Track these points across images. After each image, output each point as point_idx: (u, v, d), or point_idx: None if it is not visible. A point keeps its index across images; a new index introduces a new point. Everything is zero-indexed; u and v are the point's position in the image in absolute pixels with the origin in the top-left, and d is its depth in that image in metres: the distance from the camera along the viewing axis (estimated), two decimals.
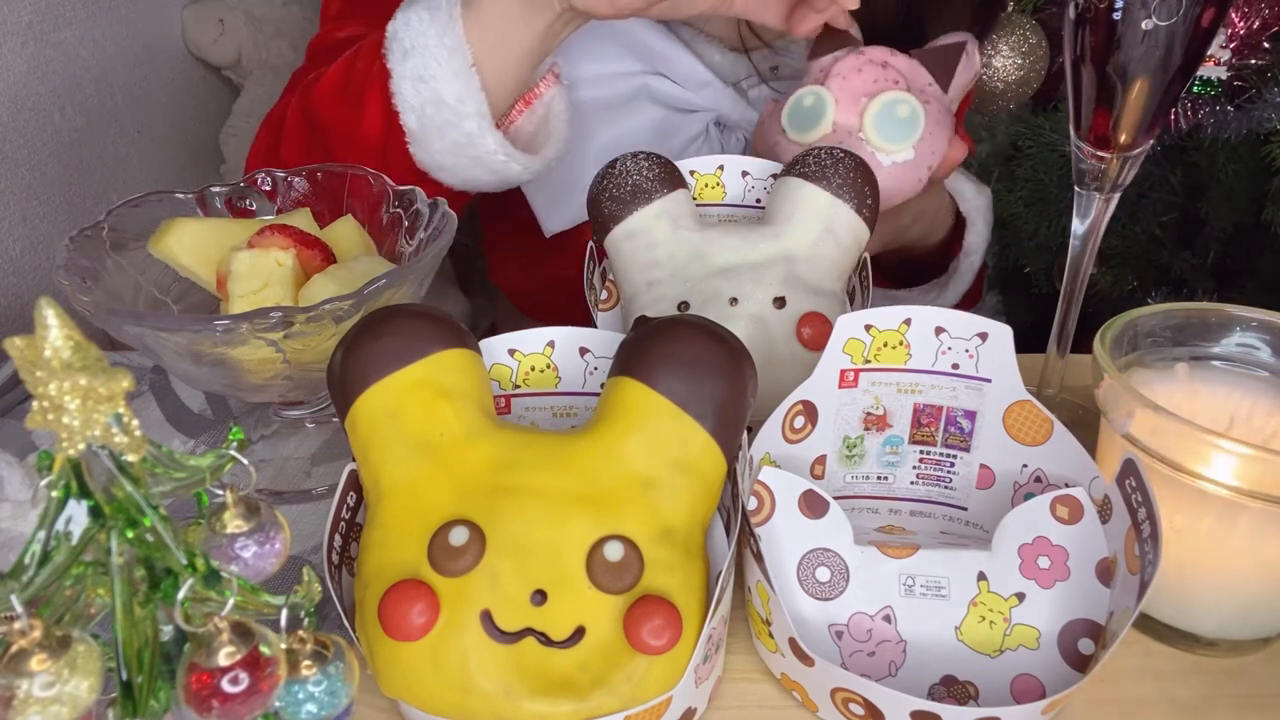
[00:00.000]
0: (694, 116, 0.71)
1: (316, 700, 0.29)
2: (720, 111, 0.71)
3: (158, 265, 0.51)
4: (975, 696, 0.38)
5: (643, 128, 0.71)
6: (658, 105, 0.71)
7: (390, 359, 0.37)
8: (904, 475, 0.48)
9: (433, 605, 0.33)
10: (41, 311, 0.22)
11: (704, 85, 0.70)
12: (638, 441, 0.36)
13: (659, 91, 0.70)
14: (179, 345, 0.43)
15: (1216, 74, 0.84)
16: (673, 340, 0.37)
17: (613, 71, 0.69)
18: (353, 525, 0.39)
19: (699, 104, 0.71)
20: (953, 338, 0.44)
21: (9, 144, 0.89)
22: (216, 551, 0.29)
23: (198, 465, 0.28)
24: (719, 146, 0.73)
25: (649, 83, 0.70)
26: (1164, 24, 0.41)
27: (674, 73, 0.70)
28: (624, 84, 0.70)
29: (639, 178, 0.52)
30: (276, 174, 0.56)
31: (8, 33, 0.89)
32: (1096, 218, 0.49)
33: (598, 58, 0.69)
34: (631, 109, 0.71)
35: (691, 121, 0.71)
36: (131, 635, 0.26)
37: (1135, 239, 0.93)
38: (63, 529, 0.25)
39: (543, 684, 0.33)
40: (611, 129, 0.71)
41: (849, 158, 0.51)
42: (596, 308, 0.54)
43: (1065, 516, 0.40)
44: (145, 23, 1.13)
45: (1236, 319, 0.46)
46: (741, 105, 0.71)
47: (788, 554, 0.41)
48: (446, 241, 0.49)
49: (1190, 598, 0.41)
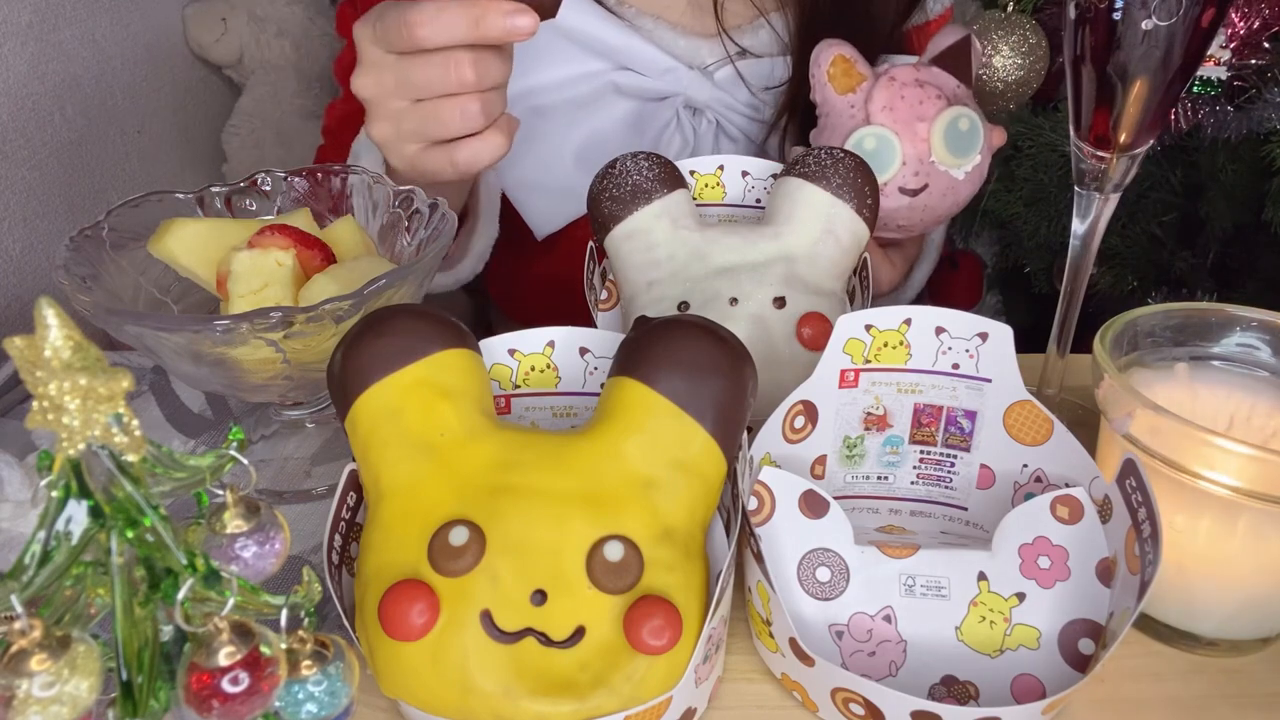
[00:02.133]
0: (664, 104, 0.72)
1: (316, 700, 0.29)
2: (687, 94, 0.72)
3: (158, 265, 0.51)
4: (975, 696, 0.38)
5: (616, 121, 0.72)
6: (627, 98, 0.72)
7: (390, 359, 0.37)
8: (904, 475, 0.47)
9: (433, 605, 0.33)
10: (41, 311, 0.22)
11: (667, 71, 0.71)
12: (638, 441, 0.36)
13: (626, 85, 0.71)
14: (179, 345, 0.43)
15: (1216, 74, 0.84)
16: (673, 340, 0.37)
17: (578, 73, 0.71)
18: (353, 525, 0.39)
19: (666, 90, 0.72)
20: (953, 338, 0.44)
21: (9, 144, 0.89)
22: (216, 551, 0.29)
23: (198, 465, 0.28)
24: (691, 130, 0.73)
25: (615, 78, 0.71)
26: (1164, 24, 0.41)
27: (637, 64, 0.71)
28: (590, 83, 0.71)
29: (639, 178, 0.52)
30: (276, 174, 0.56)
31: (8, 33, 0.89)
32: (1096, 218, 0.49)
33: (561, 62, 0.70)
34: (602, 105, 0.72)
35: (662, 109, 0.72)
36: (131, 635, 0.26)
37: (1135, 239, 0.93)
38: (63, 529, 0.25)
39: (543, 684, 0.33)
40: (585, 127, 0.72)
41: (849, 158, 0.51)
42: (596, 308, 0.54)
43: (1065, 516, 0.40)
44: (145, 23, 1.13)
45: (1236, 319, 0.46)
46: (708, 86, 0.72)
47: (788, 554, 0.41)
48: (446, 241, 0.49)
49: (1190, 598, 0.41)
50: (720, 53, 0.71)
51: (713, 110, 0.72)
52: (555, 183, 0.72)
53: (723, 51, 0.71)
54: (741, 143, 0.74)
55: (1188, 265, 0.92)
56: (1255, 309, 0.46)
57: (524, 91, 0.70)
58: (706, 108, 0.72)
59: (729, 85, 0.72)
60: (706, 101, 0.72)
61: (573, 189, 0.71)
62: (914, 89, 0.56)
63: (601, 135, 0.72)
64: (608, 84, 0.71)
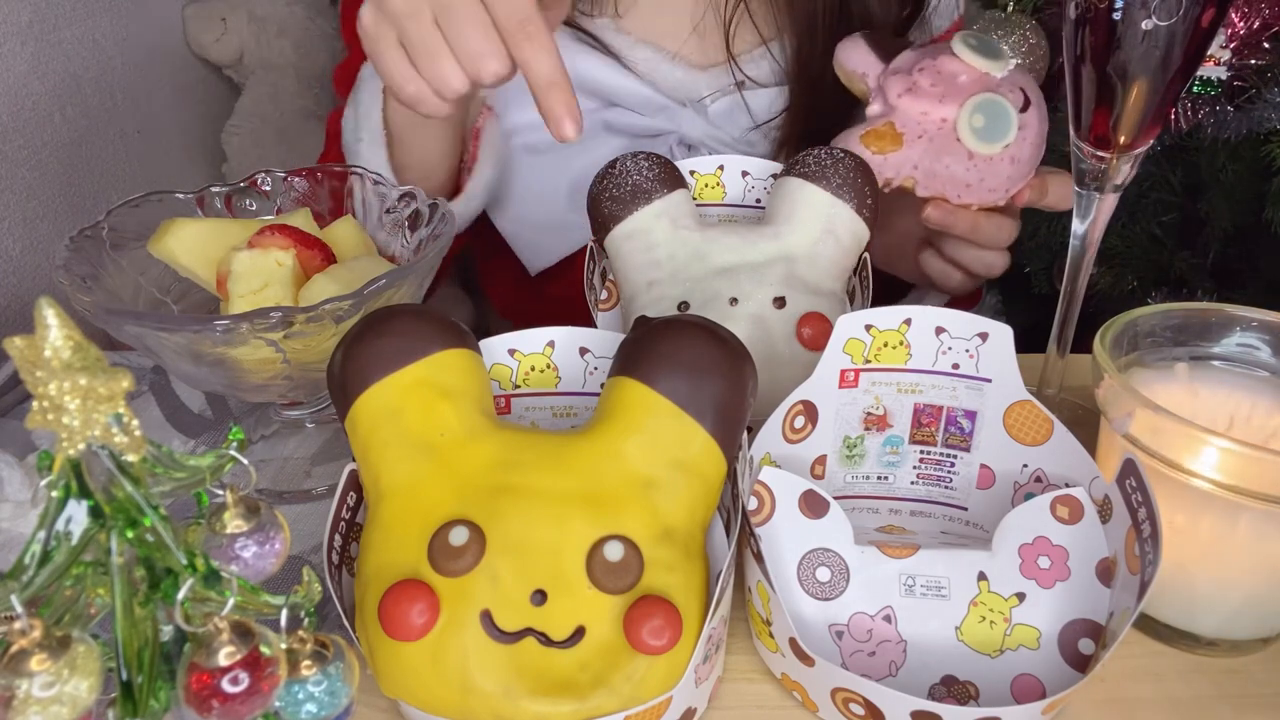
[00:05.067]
0: (656, 141, 0.72)
1: (316, 700, 0.29)
2: (681, 132, 0.71)
3: (158, 265, 0.51)
4: (975, 696, 0.38)
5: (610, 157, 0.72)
6: (619, 135, 0.72)
7: (390, 359, 0.37)
8: (904, 475, 0.47)
9: (433, 605, 0.33)
10: (41, 311, 0.22)
11: (660, 110, 0.71)
12: (638, 441, 0.36)
13: (618, 123, 0.71)
14: (179, 345, 0.43)
15: (1216, 74, 0.84)
16: (673, 340, 0.37)
17: None
18: (353, 525, 0.39)
19: (660, 128, 0.71)
20: (953, 338, 0.44)
21: (9, 144, 0.89)
22: (216, 551, 0.29)
23: (198, 465, 0.28)
24: None
25: (606, 116, 0.71)
26: (1164, 24, 0.41)
27: (629, 102, 0.71)
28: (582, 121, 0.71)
29: (639, 178, 0.52)
30: (276, 174, 0.56)
31: (8, 33, 0.89)
32: (1096, 218, 0.49)
33: None
34: (594, 144, 0.71)
35: (655, 145, 0.71)
36: (131, 635, 0.26)
37: (1135, 239, 0.93)
38: (63, 529, 0.25)
39: (543, 684, 0.33)
40: (578, 165, 0.71)
41: (849, 158, 0.51)
42: (596, 308, 0.54)
43: (1065, 516, 0.40)
44: (145, 22, 1.13)
45: (1236, 319, 0.46)
46: (701, 122, 0.71)
47: (788, 554, 0.41)
48: (446, 241, 0.49)
49: (1190, 598, 0.41)
50: (715, 85, 0.71)
51: (707, 146, 0.72)
52: (548, 220, 0.72)
53: (717, 84, 0.71)
54: None
55: (1188, 265, 0.92)
56: (1255, 309, 0.46)
57: (515, 128, 0.70)
58: (701, 144, 0.72)
59: (722, 120, 0.71)
60: (700, 138, 0.72)
61: (566, 225, 0.72)
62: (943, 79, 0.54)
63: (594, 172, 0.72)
64: (599, 122, 0.71)
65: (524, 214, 0.73)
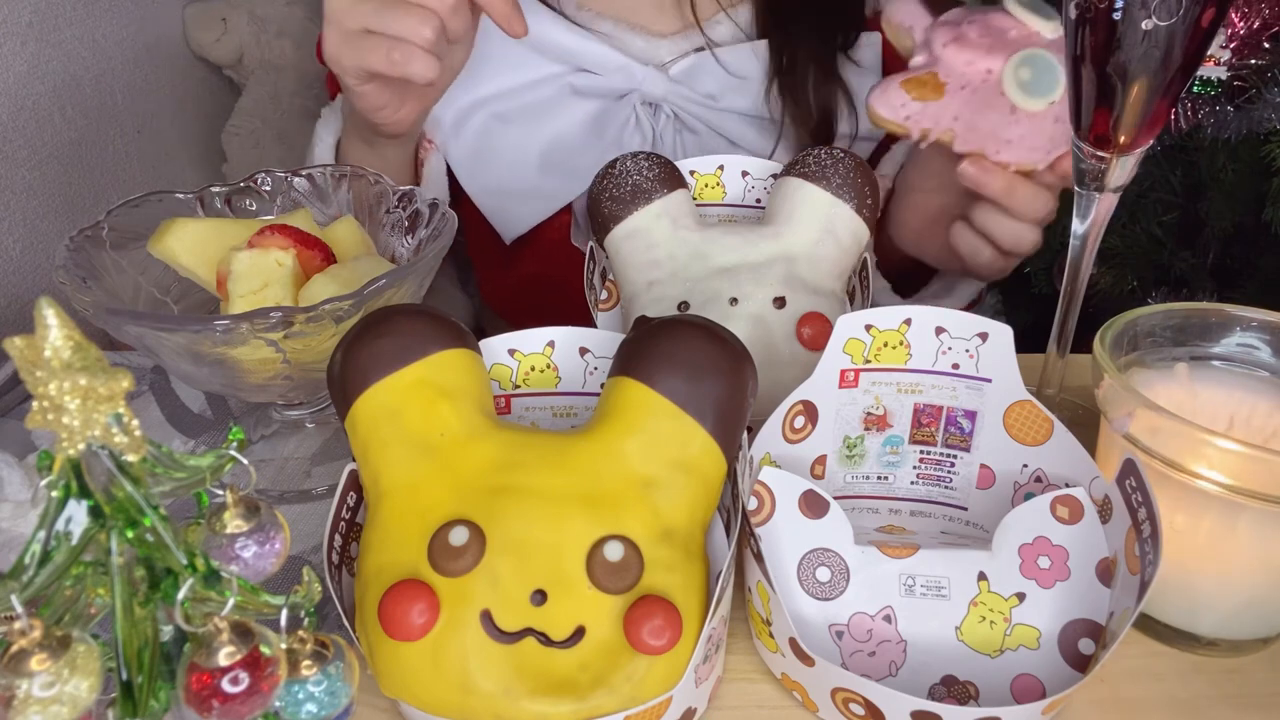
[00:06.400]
0: (621, 102, 0.73)
1: (316, 700, 0.29)
2: (642, 90, 0.73)
3: (158, 265, 0.51)
4: (975, 696, 0.38)
5: (577, 123, 0.74)
6: (587, 99, 0.73)
7: (390, 359, 0.37)
8: (904, 475, 0.47)
9: (433, 605, 0.33)
10: (41, 311, 0.22)
11: (620, 68, 0.72)
12: (638, 441, 0.36)
13: (583, 86, 0.73)
14: (179, 345, 0.43)
15: (1216, 74, 0.84)
16: (673, 340, 0.37)
17: (535, 78, 0.72)
18: (353, 525, 0.39)
19: (621, 87, 0.73)
20: (953, 338, 0.44)
21: (9, 144, 0.89)
22: (216, 551, 0.29)
23: (198, 465, 0.28)
24: (650, 126, 0.74)
25: (572, 80, 0.72)
26: (1164, 24, 0.41)
27: (591, 64, 0.72)
28: (548, 87, 0.73)
29: (639, 178, 0.52)
30: (276, 174, 0.56)
31: (8, 33, 0.89)
32: (1096, 218, 0.49)
33: (518, 67, 0.72)
34: (562, 108, 0.73)
35: (620, 107, 0.73)
36: (131, 635, 0.26)
37: (1135, 239, 0.93)
38: (63, 529, 0.25)
39: (543, 684, 0.33)
40: (547, 131, 0.73)
41: (849, 157, 0.51)
42: (596, 308, 0.54)
43: (1065, 516, 0.40)
44: (145, 23, 1.13)
45: (1236, 319, 0.46)
46: (663, 80, 0.72)
47: (788, 554, 0.41)
48: (446, 241, 0.49)
49: (1190, 598, 0.41)
50: (677, 51, 0.73)
51: (669, 103, 0.73)
52: (521, 187, 0.74)
53: (680, 50, 0.73)
54: (703, 133, 0.74)
55: (1188, 265, 0.92)
56: (1255, 309, 0.46)
57: (484, 99, 0.72)
58: (663, 101, 0.73)
59: (685, 78, 0.73)
60: (663, 95, 0.73)
61: (538, 191, 0.74)
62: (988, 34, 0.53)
63: (563, 137, 0.73)
64: (565, 87, 0.73)
65: (496, 183, 0.74)
